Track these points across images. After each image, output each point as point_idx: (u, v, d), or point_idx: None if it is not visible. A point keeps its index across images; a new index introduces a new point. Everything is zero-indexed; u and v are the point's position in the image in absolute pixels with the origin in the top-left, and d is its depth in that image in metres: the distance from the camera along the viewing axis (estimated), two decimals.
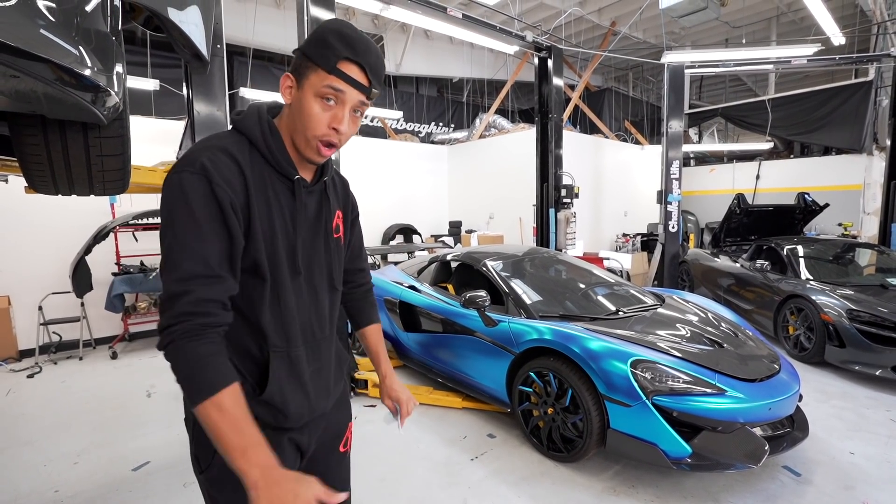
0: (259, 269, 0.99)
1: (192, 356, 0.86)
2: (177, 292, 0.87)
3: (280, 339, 1.05)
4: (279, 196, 1.02)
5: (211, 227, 0.90)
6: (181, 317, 0.86)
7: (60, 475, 2.85)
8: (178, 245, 0.89)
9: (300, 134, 1.00)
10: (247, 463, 0.82)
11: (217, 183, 0.90)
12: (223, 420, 0.84)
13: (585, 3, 9.76)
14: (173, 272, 0.88)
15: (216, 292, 0.90)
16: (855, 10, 9.37)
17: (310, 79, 0.96)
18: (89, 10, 1.08)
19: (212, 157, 0.92)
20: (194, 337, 0.86)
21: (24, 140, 1.47)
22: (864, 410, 3.52)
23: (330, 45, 0.95)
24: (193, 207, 0.89)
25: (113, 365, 4.98)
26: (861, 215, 8.76)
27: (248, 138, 1.01)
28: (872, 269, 5.26)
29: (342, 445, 1.27)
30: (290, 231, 1.04)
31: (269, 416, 1.04)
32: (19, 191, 2.74)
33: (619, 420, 2.53)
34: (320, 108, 0.97)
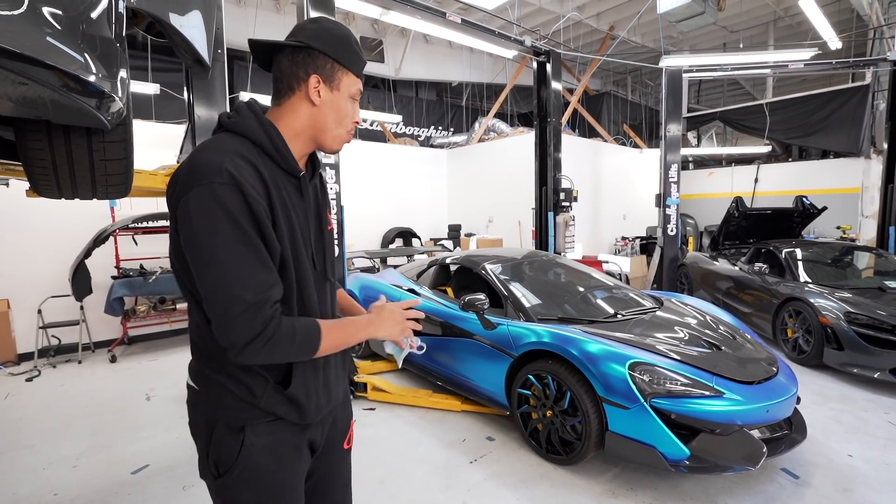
0: (286, 268, 1.02)
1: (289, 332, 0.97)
2: (256, 301, 0.92)
3: None
4: (290, 195, 1.06)
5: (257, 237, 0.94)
6: (271, 321, 0.94)
7: (59, 478, 2.85)
8: (236, 258, 0.91)
9: (330, 131, 1.09)
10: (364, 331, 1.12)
11: (249, 194, 0.93)
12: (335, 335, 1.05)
13: (584, 8, 9.82)
14: (245, 285, 0.91)
15: (280, 291, 0.99)
16: (851, 14, 9.44)
17: (343, 81, 1.08)
18: (94, 17, 1.09)
19: (235, 165, 0.94)
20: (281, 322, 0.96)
21: (29, 145, 1.48)
22: (862, 413, 3.53)
23: (356, 52, 1.09)
24: (235, 219, 0.91)
25: (112, 368, 4.97)
26: (859, 218, 8.79)
27: (251, 140, 1.02)
28: (870, 272, 5.28)
29: (346, 442, 1.30)
30: (304, 228, 1.09)
31: (293, 413, 1.08)
32: (19, 194, 2.75)
33: (618, 422, 2.54)
34: (351, 107, 1.10)
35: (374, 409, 3.73)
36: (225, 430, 1.05)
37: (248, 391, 1.03)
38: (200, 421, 1.08)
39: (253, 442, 1.03)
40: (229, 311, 0.91)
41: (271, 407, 1.04)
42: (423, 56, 11.29)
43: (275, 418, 1.06)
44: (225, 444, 1.04)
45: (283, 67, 1.05)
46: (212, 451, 1.05)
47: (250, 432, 1.04)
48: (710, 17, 6.02)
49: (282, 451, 1.08)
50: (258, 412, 1.04)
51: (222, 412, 1.05)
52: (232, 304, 0.91)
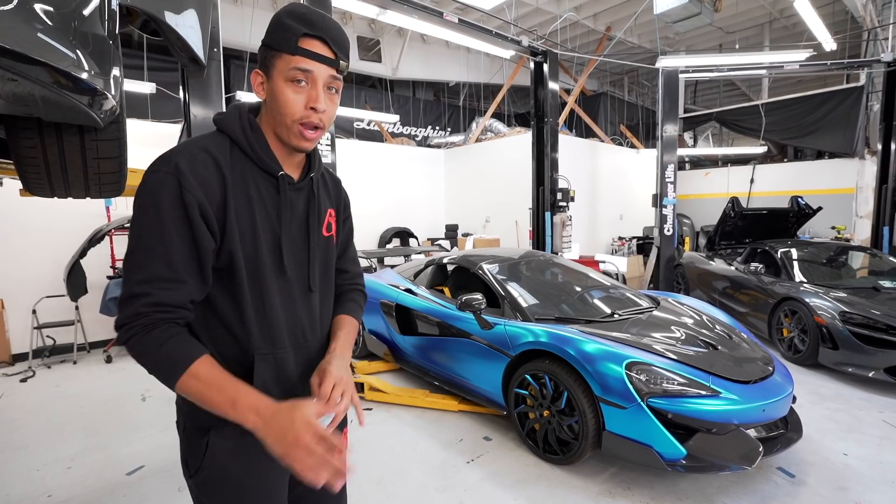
0: (235, 267, 0.96)
1: (155, 343, 0.87)
2: (137, 293, 0.88)
3: (265, 341, 1.01)
4: (262, 194, 1.00)
5: (177, 231, 0.89)
6: (138, 316, 0.87)
7: (54, 479, 2.83)
8: (143, 246, 0.89)
9: (281, 124, 0.98)
10: (239, 413, 0.86)
11: (186, 187, 0.89)
12: (203, 386, 0.87)
13: (581, 9, 9.84)
14: (136, 272, 0.89)
15: (176, 296, 0.90)
16: (846, 16, 9.50)
17: (276, 66, 0.95)
18: (87, 13, 1.08)
19: (189, 157, 0.92)
20: (153, 327, 0.88)
21: (21, 143, 1.47)
22: (857, 412, 3.54)
23: (286, 26, 0.94)
24: (161, 209, 0.88)
25: (107, 369, 4.95)
26: (854, 218, 8.84)
27: (230, 137, 0.99)
28: (865, 272, 5.31)
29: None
30: (275, 229, 1.02)
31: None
32: (14, 193, 2.74)
33: (615, 422, 2.54)
34: (293, 92, 0.95)
35: (371, 409, 3.72)
36: (193, 430, 1.02)
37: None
38: (180, 419, 1.06)
39: (217, 444, 1.00)
40: (121, 291, 0.89)
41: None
42: (421, 56, 11.29)
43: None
44: (192, 444, 1.02)
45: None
46: (183, 449, 1.04)
47: (214, 434, 1.00)
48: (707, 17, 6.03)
49: (250, 456, 1.00)
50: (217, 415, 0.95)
51: (189, 411, 1.02)
52: (124, 286, 0.90)
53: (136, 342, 0.87)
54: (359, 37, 10.45)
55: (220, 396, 0.87)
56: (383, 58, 10.80)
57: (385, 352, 4.35)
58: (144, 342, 0.87)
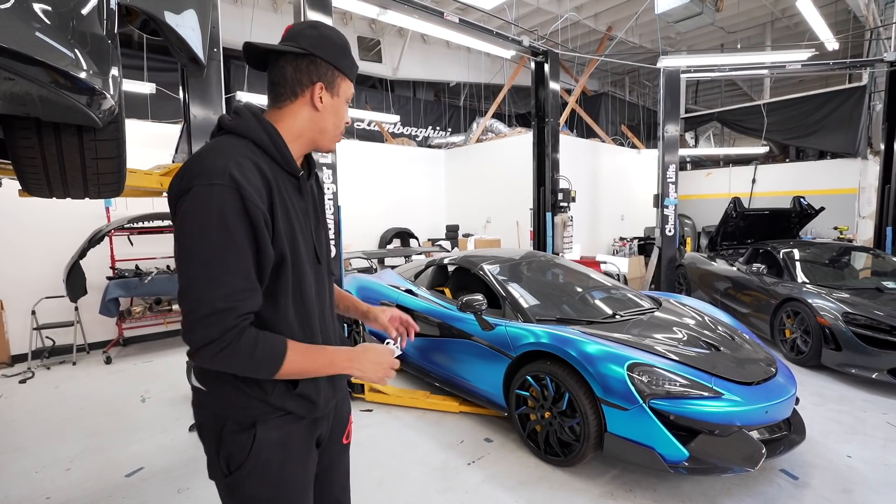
0: (283, 266, 1.04)
1: (249, 346, 0.95)
2: (223, 308, 0.92)
3: (305, 332, 1.11)
4: (290, 193, 1.08)
5: (247, 243, 0.95)
6: (231, 330, 0.93)
7: (53, 481, 2.81)
8: (217, 260, 0.92)
9: (328, 133, 1.14)
10: (339, 367, 1.07)
11: (249, 198, 0.94)
12: (304, 360, 1.02)
13: (582, 9, 9.84)
14: (216, 288, 0.92)
15: (255, 303, 0.98)
16: (848, 15, 9.48)
17: (342, 87, 1.13)
18: (85, 13, 1.07)
19: (239, 167, 0.95)
20: (242, 333, 0.95)
21: (19, 143, 1.46)
22: (860, 414, 3.52)
23: (352, 59, 1.15)
24: (228, 223, 0.92)
25: (107, 370, 4.94)
26: (856, 219, 8.81)
27: (254, 141, 1.04)
28: (868, 273, 5.28)
29: (345, 437, 1.32)
30: (303, 226, 1.12)
31: (303, 408, 1.10)
32: (13, 194, 2.72)
33: (617, 424, 2.52)
34: (346, 110, 1.17)
35: (372, 410, 3.71)
36: (236, 426, 1.05)
37: (258, 388, 1.05)
38: (209, 421, 1.08)
39: (265, 437, 1.05)
40: (196, 311, 0.92)
41: (281, 402, 1.06)
42: (421, 56, 11.28)
43: (285, 413, 1.08)
44: (237, 440, 1.05)
45: (286, 73, 1.08)
46: (222, 449, 1.05)
47: (262, 427, 1.05)
48: (708, 17, 6.02)
49: (292, 446, 1.10)
50: (268, 408, 1.05)
51: (232, 410, 1.06)
52: (200, 305, 0.91)
53: (230, 353, 0.93)
54: (359, 37, 10.44)
55: (319, 361, 1.05)
56: (384, 58, 10.80)
57: None
58: (238, 350, 0.94)
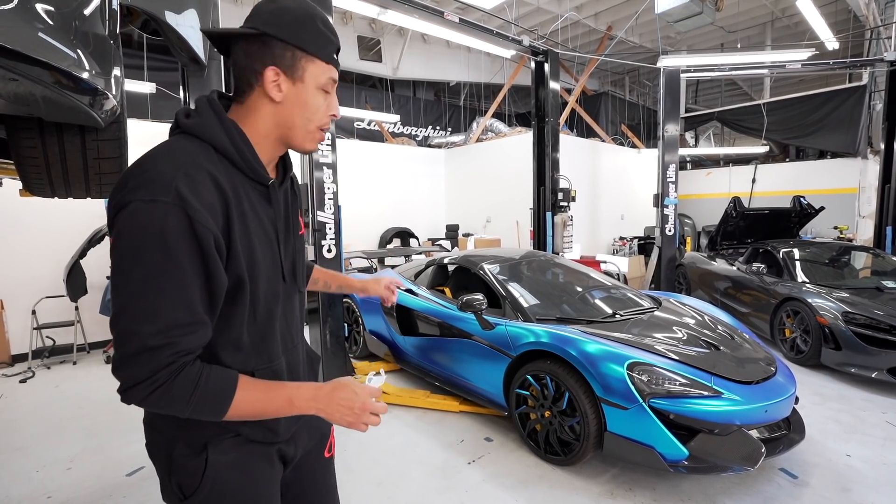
0: (240, 289, 0.90)
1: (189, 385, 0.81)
2: (156, 345, 0.77)
3: (261, 357, 0.99)
4: (255, 205, 0.93)
5: (193, 269, 0.80)
6: (163, 370, 0.78)
7: (53, 481, 2.82)
8: (153, 290, 0.77)
9: (299, 129, 0.94)
10: (300, 407, 0.91)
11: (197, 219, 0.78)
12: (255, 402, 0.88)
13: (582, 8, 9.83)
14: (149, 322, 0.77)
15: (200, 339, 0.83)
16: (848, 15, 9.48)
17: (309, 70, 0.91)
18: (87, 13, 1.08)
19: (189, 181, 0.80)
20: (178, 373, 0.80)
21: (22, 143, 1.47)
22: (860, 413, 3.53)
23: (323, 33, 0.92)
24: (171, 247, 0.77)
25: (107, 369, 4.93)
26: (856, 218, 8.81)
27: (213, 145, 0.88)
28: (868, 272, 5.29)
29: (327, 451, 1.24)
30: (271, 240, 0.97)
31: (261, 434, 0.99)
32: (13, 193, 2.72)
33: (616, 423, 2.53)
34: (322, 100, 0.95)
35: None
36: (186, 449, 0.95)
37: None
38: (159, 441, 0.97)
39: (217, 459, 0.94)
40: (125, 346, 0.78)
41: (234, 426, 0.95)
42: (421, 56, 11.28)
43: (235, 434, 0.97)
44: (187, 465, 0.94)
45: (238, 60, 0.90)
46: (173, 473, 0.95)
47: (213, 450, 0.94)
48: (708, 17, 6.02)
49: (251, 466, 0.99)
50: (220, 429, 0.94)
51: (181, 431, 0.94)
52: (130, 339, 0.78)
53: (163, 393, 0.79)
54: (359, 36, 10.44)
55: (276, 403, 0.89)
56: (384, 57, 10.79)
57: (385, 352, 4.34)
58: (174, 391, 0.80)
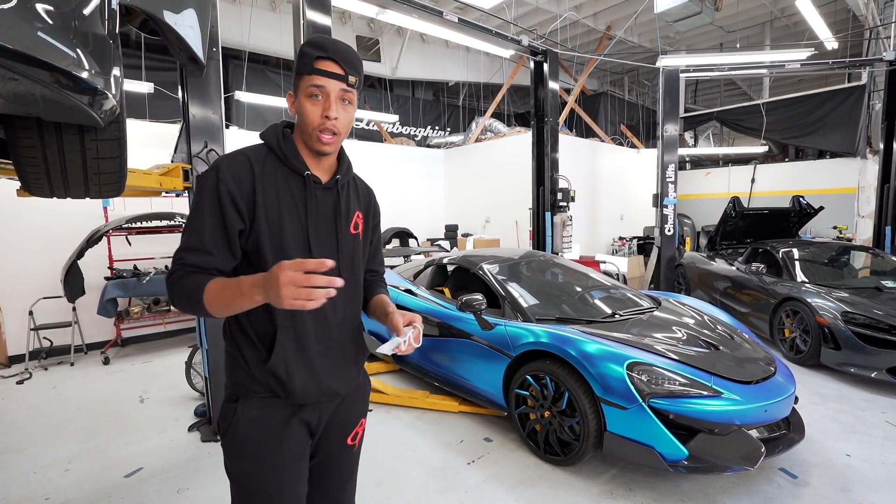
0: (261, 249, 1.15)
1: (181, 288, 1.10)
2: (176, 258, 1.13)
3: (286, 315, 1.17)
4: (292, 190, 1.19)
5: (209, 212, 1.12)
6: (173, 274, 1.12)
7: (51, 482, 2.81)
8: (188, 225, 1.15)
9: (305, 132, 1.18)
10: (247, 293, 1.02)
11: (222, 179, 1.12)
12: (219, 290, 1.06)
13: (581, 8, 9.83)
14: (181, 243, 1.14)
15: (202, 261, 1.12)
16: (847, 15, 9.50)
17: (300, 86, 1.17)
18: (87, 13, 1.08)
19: (228, 159, 1.17)
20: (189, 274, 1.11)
21: (20, 142, 1.46)
22: (859, 412, 3.54)
23: (305, 53, 1.15)
24: (201, 198, 1.14)
25: (105, 370, 4.93)
26: (856, 218, 8.83)
27: (268, 145, 1.22)
28: (867, 272, 5.30)
29: (350, 438, 1.35)
30: (301, 219, 1.19)
31: (278, 386, 1.17)
32: (11, 193, 2.72)
33: (616, 423, 2.53)
34: (311, 105, 1.15)
35: (371, 410, 3.71)
36: (228, 396, 1.22)
37: (244, 361, 1.19)
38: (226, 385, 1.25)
39: (244, 413, 1.17)
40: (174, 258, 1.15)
41: (263, 378, 1.17)
42: (420, 55, 11.27)
43: (268, 394, 1.18)
44: (225, 409, 1.21)
45: None
46: (221, 412, 1.22)
47: (243, 404, 1.18)
48: (707, 16, 6.04)
49: (270, 426, 1.18)
50: (252, 384, 1.18)
51: (230, 381, 1.23)
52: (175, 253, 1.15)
53: (172, 287, 1.11)
54: (358, 36, 10.43)
55: (230, 290, 1.05)
56: (382, 57, 10.79)
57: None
58: (176, 287, 1.10)
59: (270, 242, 1.15)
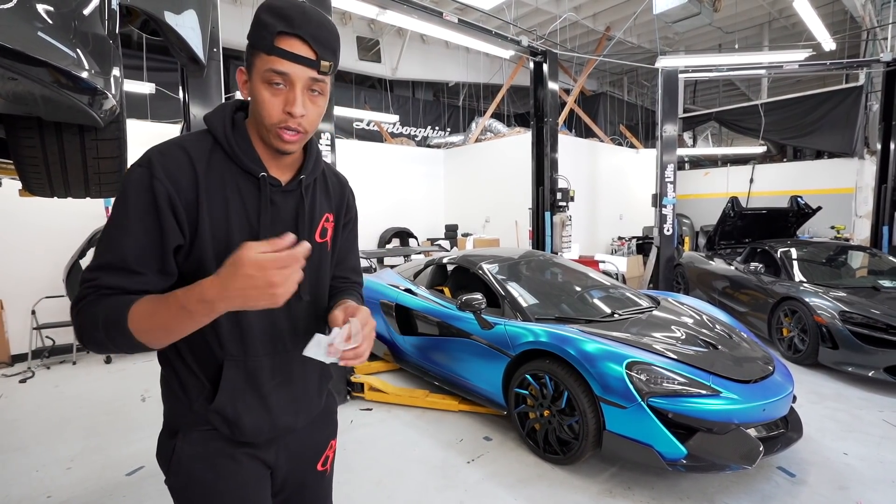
0: (203, 269, 0.89)
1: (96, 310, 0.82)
2: (86, 277, 0.85)
3: (236, 347, 0.96)
4: (244, 195, 0.94)
5: (140, 221, 0.85)
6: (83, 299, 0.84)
7: (53, 480, 2.82)
8: (106, 234, 0.87)
9: (261, 125, 0.92)
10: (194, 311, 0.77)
11: (157, 176, 0.86)
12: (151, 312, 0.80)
13: (580, 9, 9.85)
14: (95, 259, 0.87)
15: (124, 283, 0.85)
16: (845, 16, 9.51)
17: (255, 65, 0.88)
18: (87, 13, 1.08)
19: (163, 151, 0.90)
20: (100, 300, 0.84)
21: (21, 142, 1.47)
22: (857, 411, 3.54)
23: (263, 22, 0.86)
24: (128, 200, 0.86)
25: (107, 369, 4.94)
26: (853, 218, 8.85)
27: (213, 135, 0.95)
28: (864, 272, 5.31)
29: (320, 464, 1.18)
30: (254, 231, 0.95)
31: (224, 426, 0.98)
32: (13, 193, 2.73)
33: (615, 422, 2.54)
34: (270, 94, 0.88)
35: (371, 409, 3.72)
36: (165, 430, 1.02)
37: (182, 391, 0.97)
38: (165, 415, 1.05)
39: (183, 450, 0.98)
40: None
41: (204, 413, 0.96)
42: (420, 56, 11.29)
43: (209, 428, 0.98)
44: (164, 447, 1.01)
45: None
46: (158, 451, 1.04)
47: (181, 439, 0.98)
48: (706, 17, 6.05)
49: (217, 462, 0.99)
50: (192, 417, 0.97)
51: (165, 407, 1.02)
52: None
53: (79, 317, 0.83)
54: (358, 37, 10.44)
55: (169, 308, 0.78)
56: (383, 58, 10.80)
57: (385, 352, 4.35)
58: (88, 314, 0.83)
59: (216, 263, 0.86)
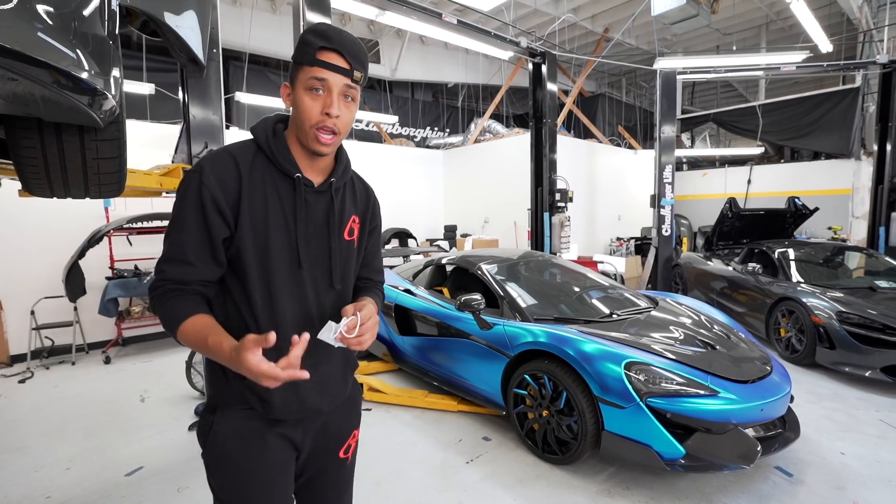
0: (242, 258, 1.07)
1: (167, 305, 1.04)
2: (158, 269, 1.06)
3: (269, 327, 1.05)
4: (281, 194, 1.10)
5: (192, 220, 1.04)
6: (156, 288, 1.05)
7: (52, 481, 2.82)
8: (168, 233, 1.06)
9: (301, 129, 1.08)
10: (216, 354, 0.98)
11: (205, 183, 1.03)
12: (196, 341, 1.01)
13: (579, 10, 9.87)
14: (163, 251, 1.06)
15: (184, 273, 1.05)
16: (842, 18, 9.54)
17: (298, 77, 1.06)
18: (87, 14, 1.09)
19: (213, 159, 1.07)
20: (170, 295, 1.04)
21: (21, 143, 1.47)
22: (854, 411, 3.56)
23: (307, 41, 1.05)
24: (183, 203, 1.05)
25: (106, 370, 4.93)
26: (850, 219, 8.87)
27: (257, 143, 1.12)
28: (861, 272, 5.33)
29: (342, 451, 1.29)
30: (289, 226, 1.10)
31: (257, 402, 1.10)
32: (12, 193, 2.73)
33: (614, 422, 2.54)
34: (311, 99, 1.05)
35: (371, 409, 3.72)
36: (206, 406, 1.17)
37: (223, 370, 1.09)
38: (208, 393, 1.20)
39: (220, 425, 1.11)
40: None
41: (240, 389, 1.10)
42: (419, 57, 11.30)
43: (246, 407, 1.11)
44: (202, 421, 1.15)
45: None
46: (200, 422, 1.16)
47: (220, 415, 1.12)
48: (704, 19, 6.05)
49: (249, 440, 1.11)
50: (230, 395, 1.11)
51: (208, 387, 1.17)
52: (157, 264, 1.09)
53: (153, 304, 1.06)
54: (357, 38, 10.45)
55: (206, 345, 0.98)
56: (382, 59, 10.81)
57: (384, 352, 4.35)
58: (161, 305, 1.04)
59: (254, 252, 1.07)
